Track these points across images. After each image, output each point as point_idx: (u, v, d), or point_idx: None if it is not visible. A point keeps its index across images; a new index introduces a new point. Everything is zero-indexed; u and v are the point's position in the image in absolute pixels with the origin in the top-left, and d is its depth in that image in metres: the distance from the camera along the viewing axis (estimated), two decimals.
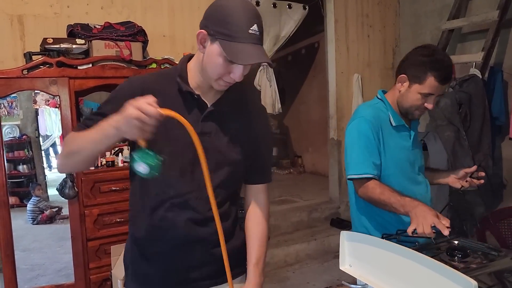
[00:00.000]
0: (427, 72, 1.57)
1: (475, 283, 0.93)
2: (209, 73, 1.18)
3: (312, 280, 3.49)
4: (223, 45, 1.11)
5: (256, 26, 1.12)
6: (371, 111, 1.68)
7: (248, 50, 1.11)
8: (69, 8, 3.04)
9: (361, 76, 4.56)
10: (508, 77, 3.50)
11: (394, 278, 1.18)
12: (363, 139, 1.62)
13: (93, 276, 2.68)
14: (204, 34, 1.15)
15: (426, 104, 1.61)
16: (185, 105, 1.24)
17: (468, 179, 1.73)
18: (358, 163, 1.62)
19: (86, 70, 2.59)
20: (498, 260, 1.34)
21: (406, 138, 1.72)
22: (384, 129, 1.66)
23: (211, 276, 1.32)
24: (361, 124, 1.65)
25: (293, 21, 4.37)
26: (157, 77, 1.29)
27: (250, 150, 1.34)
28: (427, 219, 1.34)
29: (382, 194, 1.52)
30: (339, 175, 4.57)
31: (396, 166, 1.67)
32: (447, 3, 4.08)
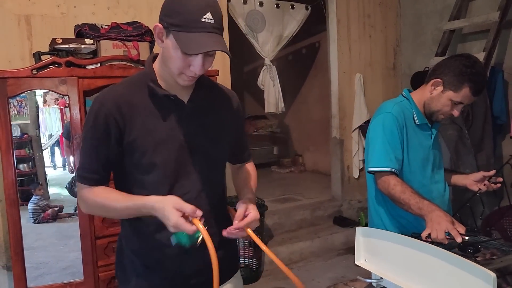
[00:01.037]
0: (464, 82, 1.59)
1: (494, 275, 0.96)
2: (171, 68, 1.15)
3: (316, 277, 3.53)
4: (176, 36, 1.08)
5: (210, 14, 1.07)
6: (397, 108, 1.72)
7: (201, 39, 1.06)
8: (76, 8, 3.07)
9: (363, 75, 4.59)
10: (509, 77, 3.54)
11: (410, 272, 1.21)
12: (388, 133, 1.66)
13: (102, 274, 2.70)
14: (160, 28, 1.12)
15: (454, 111, 1.65)
16: (161, 110, 1.21)
17: (486, 182, 1.75)
18: (381, 156, 1.65)
19: (95, 69, 2.61)
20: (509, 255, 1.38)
21: (427, 137, 1.75)
22: (408, 126, 1.70)
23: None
24: (386, 119, 1.68)
25: (295, 21, 4.41)
26: (126, 88, 1.23)
27: (232, 136, 1.36)
28: (441, 225, 1.38)
29: (403, 193, 1.55)
30: (341, 174, 4.61)
31: (417, 163, 1.71)
32: (448, 4, 4.12)
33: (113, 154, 1.20)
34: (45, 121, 3.29)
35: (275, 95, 4.37)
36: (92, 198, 1.19)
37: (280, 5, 4.29)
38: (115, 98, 1.19)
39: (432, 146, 1.76)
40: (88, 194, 1.20)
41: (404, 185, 1.58)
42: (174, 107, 1.22)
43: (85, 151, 1.21)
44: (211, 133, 1.27)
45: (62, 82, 2.50)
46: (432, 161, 1.75)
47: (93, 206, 1.21)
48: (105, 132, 1.17)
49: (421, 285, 1.18)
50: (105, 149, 1.19)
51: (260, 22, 4.17)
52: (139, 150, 1.18)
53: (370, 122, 1.79)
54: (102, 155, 1.19)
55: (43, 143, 3.46)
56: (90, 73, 2.59)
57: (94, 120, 1.18)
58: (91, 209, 1.24)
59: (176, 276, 1.26)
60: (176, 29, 1.08)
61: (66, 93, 2.52)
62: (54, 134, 3.47)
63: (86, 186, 1.20)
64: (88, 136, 1.20)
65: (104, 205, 1.18)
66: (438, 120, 1.73)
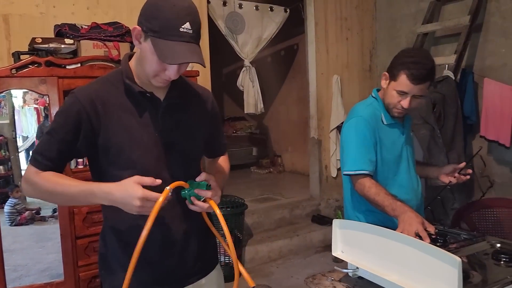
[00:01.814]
0: (400, 70, 1.65)
1: (459, 260, 1.04)
2: (146, 70, 1.18)
3: (295, 274, 3.60)
4: (154, 42, 1.10)
5: (188, 24, 1.09)
6: (368, 110, 1.78)
7: (179, 49, 1.09)
8: (55, 8, 3.06)
9: (340, 77, 4.70)
10: (479, 78, 3.69)
11: (384, 261, 1.29)
12: (360, 137, 1.72)
13: (82, 274, 2.70)
14: (138, 30, 1.13)
15: (402, 102, 1.68)
16: (137, 107, 1.23)
17: (456, 175, 1.83)
18: (355, 160, 1.71)
19: (75, 69, 2.61)
20: (475, 244, 1.48)
21: (399, 135, 1.81)
22: (380, 127, 1.76)
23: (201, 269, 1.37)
24: (358, 122, 1.74)
25: (274, 23, 4.49)
26: (101, 85, 1.24)
27: (207, 133, 1.39)
28: (412, 226, 1.44)
29: (377, 195, 1.61)
30: (319, 173, 4.70)
31: (391, 162, 1.77)
32: (421, 8, 4.27)
33: (76, 149, 1.19)
34: (21, 123, 3.26)
35: (254, 96, 4.43)
36: (40, 181, 1.17)
37: (259, 7, 4.36)
38: (90, 95, 1.20)
39: (405, 142, 1.82)
40: (37, 177, 1.17)
41: (378, 187, 1.64)
42: (150, 104, 1.24)
43: (48, 138, 1.19)
44: (186, 129, 1.31)
45: (42, 81, 2.49)
46: (405, 157, 1.82)
47: (39, 190, 1.18)
48: (74, 126, 1.17)
49: (393, 272, 1.25)
50: (69, 143, 1.18)
51: (239, 24, 4.23)
52: (116, 147, 1.20)
53: (343, 125, 1.85)
54: (64, 147, 1.18)
55: (19, 145, 3.42)
56: (71, 73, 2.59)
57: (66, 112, 1.19)
58: (36, 193, 1.21)
59: (159, 266, 1.28)
60: (154, 35, 1.10)
61: (46, 93, 2.52)
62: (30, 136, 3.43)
63: (37, 170, 1.18)
64: (56, 126, 1.20)
65: (54, 189, 1.16)
66: (395, 115, 1.76)
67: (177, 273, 1.30)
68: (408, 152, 1.84)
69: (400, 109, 1.71)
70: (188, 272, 1.32)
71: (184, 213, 1.27)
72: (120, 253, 1.28)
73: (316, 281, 1.48)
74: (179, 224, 1.28)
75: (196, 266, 1.34)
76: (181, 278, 1.31)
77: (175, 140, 1.27)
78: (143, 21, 1.12)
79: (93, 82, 1.27)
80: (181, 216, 1.28)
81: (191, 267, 1.33)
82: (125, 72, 1.23)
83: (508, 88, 3.33)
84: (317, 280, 1.49)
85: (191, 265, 1.32)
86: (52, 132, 1.19)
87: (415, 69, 1.62)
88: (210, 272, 1.41)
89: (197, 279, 1.35)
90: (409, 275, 1.20)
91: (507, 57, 3.56)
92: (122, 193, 1.08)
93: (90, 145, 1.20)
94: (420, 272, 1.16)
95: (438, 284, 1.11)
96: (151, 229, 1.12)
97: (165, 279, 1.29)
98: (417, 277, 1.17)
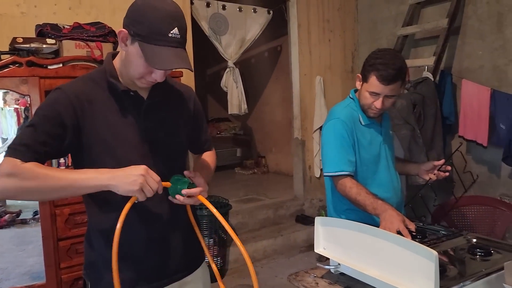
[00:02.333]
0: (370, 71, 1.69)
1: (436, 253, 1.08)
2: (131, 72, 1.19)
3: (279, 273, 3.63)
4: (141, 47, 1.11)
5: (176, 30, 1.11)
6: (345, 112, 1.81)
7: (167, 54, 1.10)
8: (37, 8, 3.02)
9: (323, 78, 4.75)
10: (457, 80, 3.78)
11: (365, 256, 1.32)
12: (339, 138, 1.76)
13: (65, 276, 2.67)
14: (125, 33, 1.14)
15: (375, 103, 1.72)
16: (121, 105, 1.23)
17: (436, 172, 1.88)
18: (335, 161, 1.75)
19: (57, 69, 2.59)
20: (452, 240, 1.53)
21: (377, 134, 1.85)
22: (357, 128, 1.80)
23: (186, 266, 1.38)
24: (336, 125, 1.78)
25: (258, 24, 4.51)
26: (85, 82, 1.24)
27: (191, 130, 1.42)
28: (393, 224, 1.48)
29: (358, 194, 1.65)
30: (303, 173, 4.74)
31: (370, 161, 1.81)
32: (401, 11, 4.35)
33: (60, 144, 1.16)
34: (1, 124, 3.21)
35: (238, 97, 4.45)
36: (29, 170, 1.07)
37: (242, 9, 4.38)
38: (76, 91, 1.19)
39: (383, 141, 1.87)
40: (24, 167, 1.07)
41: (359, 186, 1.68)
42: (134, 103, 1.25)
43: (32, 130, 1.13)
44: (169, 127, 1.32)
45: (23, 82, 2.47)
46: (384, 156, 1.86)
47: (26, 181, 1.07)
48: (61, 120, 1.15)
49: (374, 267, 1.28)
50: (54, 137, 1.15)
51: (223, 25, 4.24)
52: (101, 144, 1.20)
53: (322, 127, 1.89)
54: (49, 140, 1.14)
55: None
56: (52, 73, 2.57)
57: (53, 105, 1.16)
58: (19, 185, 1.07)
59: (144, 263, 1.28)
60: (142, 39, 1.11)
61: (27, 93, 2.49)
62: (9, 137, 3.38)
63: (21, 161, 1.08)
64: (42, 118, 1.15)
65: (45, 177, 1.08)
66: (370, 116, 1.79)
67: (161, 269, 1.31)
68: (386, 151, 1.87)
69: (375, 109, 1.75)
70: (173, 269, 1.33)
71: (171, 210, 1.29)
72: (107, 253, 1.23)
73: (299, 278, 1.51)
74: (164, 221, 1.29)
75: (181, 263, 1.35)
76: (166, 275, 1.32)
77: (158, 138, 1.28)
78: (130, 25, 1.13)
79: (77, 79, 1.26)
80: (167, 213, 1.29)
81: (176, 264, 1.33)
82: (109, 71, 1.24)
83: (485, 89, 3.42)
84: (300, 277, 1.52)
85: (176, 262, 1.33)
86: (36, 124, 1.14)
87: (383, 70, 1.64)
88: (195, 269, 1.42)
89: (182, 276, 1.36)
90: (389, 269, 1.23)
91: (484, 59, 3.66)
92: (126, 170, 1.10)
93: (74, 141, 1.18)
94: (399, 266, 1.20)
95: (416, 277, 1.14)
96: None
97: (149, 275, 1.29)
98: (396, 271, 1.21)
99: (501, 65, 3.54)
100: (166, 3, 1.13)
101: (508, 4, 3.45)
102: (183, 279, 1.37)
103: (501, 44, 3.52)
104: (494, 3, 3.55)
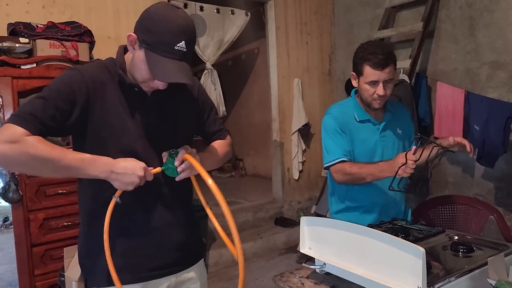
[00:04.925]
0: (362, 64, 1.75)
1: (423, 250, 1.09)
2: (136, 75, 1.24)
3: (260, 276, 3.61)
4: (147, 55, 1.15)
5: (183, 43, 1.13)
6: (338, 108, 1.91)
7: (169, 66, 1.13)
8: (8, 6, 2.92)
9: (301, 80, 4.78)
10: (432, 82, 3.86)
11: (350, 255, 1.32)
12: (330, 132, 1.84)
13: (39, 283, 2.58)
14: (134, 38, 1.18)
15: (377, 91, 1.75)
16: (126, 98, 1.26)
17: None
18: (330, 152, 1.82)
19: (30, 69, 2.50)
20: (435, 237, 1.54)
21: (373, 131, 1.88)
22: (350, 124, 1.86)
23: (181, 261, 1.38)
24: (326, 120, 1.88)
25: (236, 26, 4.50)
26: (100, 68, 1.27)
27: (195, 122, 1.44)
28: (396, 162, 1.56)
29: (360, 168, 1.72)
30: (282, 176, 4.74)
31: (362, 156, 1.84)
32: (377, 14, 4.43)
33: (67, 121, 1.17)
34: None
35: (216, 99, 4.43)
36: (33, 143, 1.06)
37: (220, 10, 4.36)
38: (91, 74, 1.22)
39: (379, 139, 1.87)
40: (30, 138, 1.07)
41: (357, 163, 1.76)
42: (138, 98, 1.27)
43: (42, 102, 1.12)
44: (171, 122, 1.34)
45: None
46: (380, 154, 1.86)
47: (28, 153, 1.06)
48: (73, 97, 1.16)
49: (360, 265, 1.28)
50: (63, 113, 1.15)
51: (201, 26, 4.21)
52: (107, 129, 1.22)
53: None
54: (58, 115, 1.14)
55: None
56: (26, 73, 2.49)
57: (68, 82, 1.18)
58: (19, 155, 1.06)
59: (138, 253, 1.30)
60: (148, 48, 1.14)
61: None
62: None
63: (26, 131, 1.07)
64: (54, 92, 1.15)
65: (49, 154, 1.08)
66: (376, 107, 1.80)
67: (156, 261, 1.32)
68: (384, 149, 1.88)
69: (378, 98, 1.77)
70: (167, 261, 1.34)
71: (171, 202, 1.33)
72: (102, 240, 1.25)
73: (284, 278, 1.50)
74: (163, 212, 1.32)
75: (176, 257, 1.36)
76: (160, 267, 1.33)
77: (160, 133, 1.31)
78: (139, 30, 1.16)
79: (92, 64, 1.30)
80: (166, 205, 1.33)
81: (171, 257, 1.35)
82: (119, 63, 1.26)
83: (459, 91, 3.50)
84: (285, 278, 1.50)
85: (171, 255, 1.34)
86: (48, 98, 1.14)
87: (374, 57, 1.70)
88: (192, 265, 1.42)
89: (178, 270, 1.37)
90: (375, 267, 1.23)
91: (457, 62, 3.75)
92: (125, 162, 1.16)
93: (78, 122, 1.19)
94: (386, 264, 1.20)
95: (403, 274, 1.15)
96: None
97: (143, 266, 1.30)
98: (383, 270, 1.21)
99: (473, 68, 3.63)
100: (178, 16, 1.15)
101: (480, 8, 3.55)
102: (181, 276, 1.39)
103: (474, 47, 3.62)
104: (467, 7, 3.65)
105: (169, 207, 1.33)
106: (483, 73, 3.57)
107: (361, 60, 1.75)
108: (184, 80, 1.15)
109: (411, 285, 1.12)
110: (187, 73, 1.16)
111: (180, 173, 1.24)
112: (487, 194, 3.59)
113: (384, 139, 1.89)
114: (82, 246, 1.36)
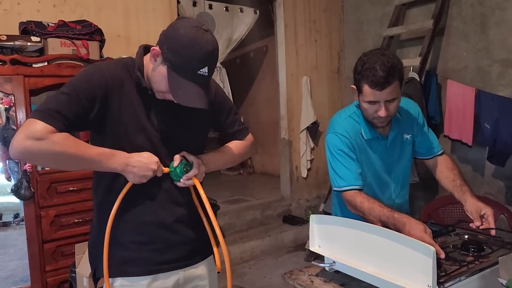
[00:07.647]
0: (360, 80, 1.53)
1: (433, 249, 1.08)
2: (153, 84, 1.26)
3: (268, 274, 3.62)
4: (169, 74, 1.17)
5: (206, 69, 1.16)
6: (345, 124, 1.66)
7: (189, 90, 1.17)
8: (20, 5, 2.96)
9: (310, 78, 4.77)
10: (442, 80, 3.83)
11: (360, 253, 1.32)
12: (337, 154, 1.63)
13: (50, 279, 2.61)
14: (158, 52, 1.19)
15: (378, 112, 1.54)
16: (142, 99, 1.28)
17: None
18: (339, 177, 1.62)
19: (42, 68, 2.53)
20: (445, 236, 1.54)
21: (381, 148, 1.69)
22: (359, 143, 1.66)
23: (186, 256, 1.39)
24: (331, 140, 1.66)
25: (244, 24, 4.51)
26: (119, 67, 1.29)
27: (210, 123, 1.46)
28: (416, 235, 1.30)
29: (371, 210, 1.49)
30: (290, 174, 4.74)
31: (372, 176, 1.69)
32: (387, 12, 4.40)
33: (87, 118, 1.19)
34: None
35: None
36: (60, 140, 1.09)
37: (229, 8, 4.37)
38: (111, 72, 1.24)
39: (387, 154, 1.70)
40: (56, 136, 1.09)
41: (370, 200, 1.52)
42: (153, 99, 1.29)
43: (67, 98, 1.14)
44: (185, 125, 1.35)
45: (7, 80, 2.41)
46: (388, 170, 1.72)
47: (53, 150, 1.09)
48: (94, 93, 1.18)
49: (370, 264, 1.28)
50: (85, 110, 1.17)
51: (209, 24, 4.22)
52: (123, 127, 1.24)
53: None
54: (80, 111, 1.16)
55: None
56: (37, 72, 2.52)
57: (89, 79, 1.20)
58: (44, 152, 1.09)
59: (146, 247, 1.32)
60: (172, 68, 1.16)
61: (11, 92, 2.43)
62: None
63: (53, 129, 1.09)
64: (77, 89, 1.17)
65: (74, 151, 1.12)
66: (378, 126, 1.63)
67: (164, 255, 1.34)
68: (392, 162, 1.72)
69: (380, 119, 1.57)
70: (176, 256, 1.36)
71: (181, 199, 1.35)
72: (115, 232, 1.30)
73: (294, 276, 1.50)
74: (172, 208, 1.34)
75: (184, 251, 1.37)
76: (168, 261, 1.34)
77: (173, 134, 1.33)
78: (165, 48, 1.17)
79: (111, 62, 1.32)
80: (176, 201, 1.35)
81: (179, 252, 1.36)
82: (137, 65, 1.27)
83: (470, 89, 3.47)
84: (294, 275, 1.51)
85: (179, 249, 1.36)
86: (71, 94, 1.15)
87: (372, 75, 1.47)
88: (200, 261, 1.43)
89: (186, 265, 1.38)
90: (385, 266, 1.23)
91: (468, 59, 3.72)
92: (140, 156, 1.21)
93: (100, 118, 1.21)
94: (396, 263, 1.20)
95: (413, 273, 1.15)
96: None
97: (151, 259, 1.32)
98: (392, 268, 1.21)
99: (484, 65, 3.60)
100: (207, 42, 1.16)
101: (491, 6, 3.52)
102: (190, 271, 1.40)
103: (485, 45, 3.59)
104: (478, 5, 3.61)
105: (179, 203, 1.35)
106: (494, 71, 3.53)
107: (358, 75, 1.53)
108: (200, 105, 1.18)
109: (421, 284, 1.12)
110: (204, 99, 1.19)
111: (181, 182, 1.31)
112: (497, 193, 3.56)
113: (392, 153, 1.71)
114: (93, 237, 1.38)
